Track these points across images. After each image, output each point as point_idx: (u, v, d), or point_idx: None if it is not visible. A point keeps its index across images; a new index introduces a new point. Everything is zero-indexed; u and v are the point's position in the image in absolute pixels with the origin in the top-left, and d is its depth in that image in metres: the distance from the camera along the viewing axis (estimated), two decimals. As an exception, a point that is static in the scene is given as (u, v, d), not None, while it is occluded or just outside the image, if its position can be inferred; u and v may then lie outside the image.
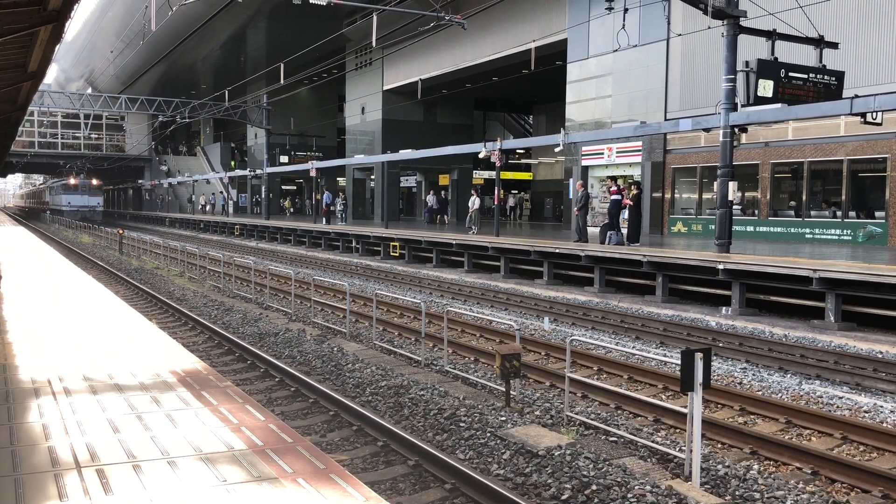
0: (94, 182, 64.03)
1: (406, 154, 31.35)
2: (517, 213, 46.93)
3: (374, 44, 20.96)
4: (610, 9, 18.41)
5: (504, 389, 8.24)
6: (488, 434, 7.07)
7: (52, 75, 71.28)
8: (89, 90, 62.02)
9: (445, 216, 38.30)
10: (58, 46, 10.71)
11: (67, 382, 5.55)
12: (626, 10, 18.21)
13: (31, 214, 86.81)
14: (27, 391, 5.30)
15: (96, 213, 61.76)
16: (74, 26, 59.41)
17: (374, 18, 20.47)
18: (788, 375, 10.07)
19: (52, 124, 70.23)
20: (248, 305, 15.76)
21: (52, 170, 78.49)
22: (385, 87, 41.97)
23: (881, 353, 11.20)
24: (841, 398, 8.86)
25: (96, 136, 71.64)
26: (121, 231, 33.09)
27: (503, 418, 7.52)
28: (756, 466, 6.63)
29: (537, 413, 8.03)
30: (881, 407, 8.47)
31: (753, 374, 10.02)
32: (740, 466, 6.53)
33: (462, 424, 7.41)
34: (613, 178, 23.10)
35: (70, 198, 62.63)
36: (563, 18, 29.49)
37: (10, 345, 6.95)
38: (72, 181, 62.51)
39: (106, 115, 64.11)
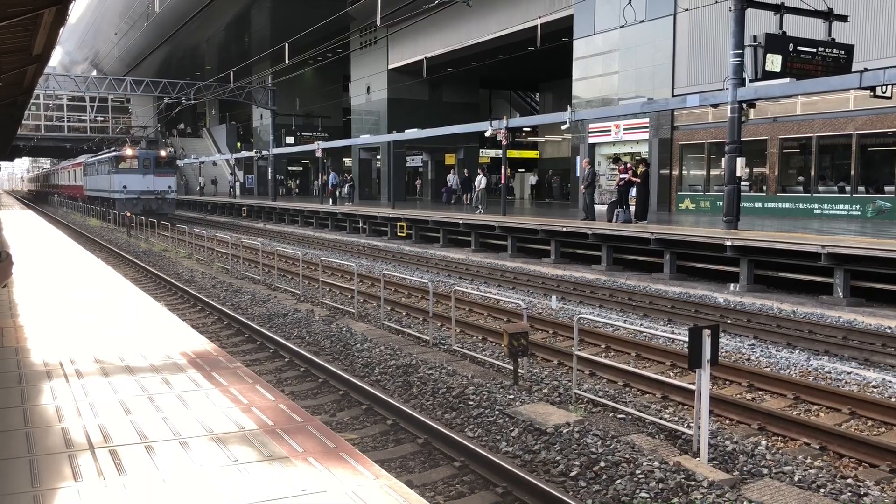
0: (163, 154, 40.44)
1: (412, 133, 31.25)
2: (538, 191, 45.73)
3: (378, 22, 20.82)
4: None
5: (512, 368, 8.28)
6: (497, 412, 7.11)
7: (56, 58, 68.81)
8: (94, 72, 61.99)
9: (470, 195, 37.50)
10: (62, 29, 10.70)
11: (79, 365, 5.60)
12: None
13: (40, 198, 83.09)
14: (40, 374, 5.35)
15: (167, 203, 39.07)
16: (78, 8, 59.11)
17: (379, -3, 20.36)
18: (796, 351, 10.07)
19: (58, 107, 69.97)
20: (257, 287, 15.82)
21: (59, 153, 77.67)
22: (390, 67, 41.76)
23: (889, 328, 11.18)
24: (849, 374, 8.86)
25: (102, 118, 71.59)
26: (129, 213, 33.16)
27: (511, 396, 7.55)
28: (764, 442, 6.65)
29: (545, 391, 8.07)
30: (890, 382, 8.47)
31: (761, 351, 10.03)
32: (748, 442, 6.55)
33: (470, 403, 7.45)
34: (618, 159, 22.99)
35: (125, 178, 38.49)
36: (568, -5, 29.21)
37: (21, 328, 7.01)
38: (128, 152, 38.67)
39: (111, 97, 63.99)
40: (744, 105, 16.76)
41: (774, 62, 15.78)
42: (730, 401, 7.64)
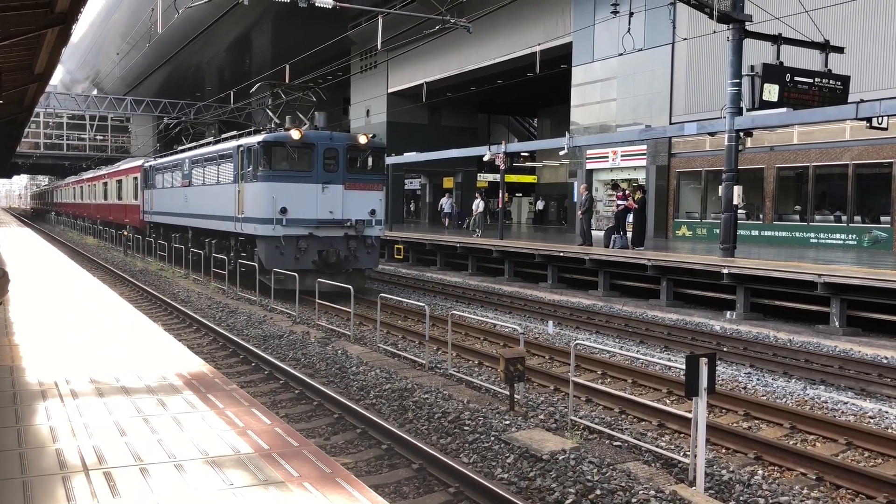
0: (362, 140, 17.44)
1: (410, 157, 31.35)
2: (538, 217, 44.32)
3: (379, 46, 20.98)
4: (615, 12, 18.40)
5: (508, 393, 8.25)
6: (492, 438, 7.08)
7: (57, 77, 68.80)
8: (95, 91, 62.29)
9: (467, 219, 37.09)
10: (64, 49, 10.77)
11: (74, 385, 5.57)
12: (631, 14, 18.20)
13: (38, 217, 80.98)
14: (34, 393, 5.32)
15: (367, 251, 17.62)
16: (80, 28, 59.49)
17: (380, 21, 20.51)
18: (793, 380, 10.06)
19: (58, 125, 70.15)
20: (253, 307, 15.78)
21: (57, 171, 77.56)
22: (390, 90, 41.99)
23: (886, 358, 11.18)
24: (846, 403, 8.85)
25: (101, 137, 71.76)
26: (125, 232, 33.12)
27: (507, 422, 7.52)
28: (760, 472, 6.63)
29: (541, 417, 8.04)
30: (886, 413, 8.46)
31: (758, 379, 10.01)
32: (744, 472, 6.53)
33: (466, 428, 7.42)
34: (616, 186, 23.08)
35: (283, 191, 16.67)
36: (567, 22, 29.50)
37: (17, 346, 6.98)
38: (293, 134, 16.50)
39: (111, 116, 64.20)
40: (741, 134, 16.87)
41: (771, 92, 15.91)
42: (726, 429, 7.62)
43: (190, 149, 23.69)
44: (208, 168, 20.44)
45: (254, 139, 17.00)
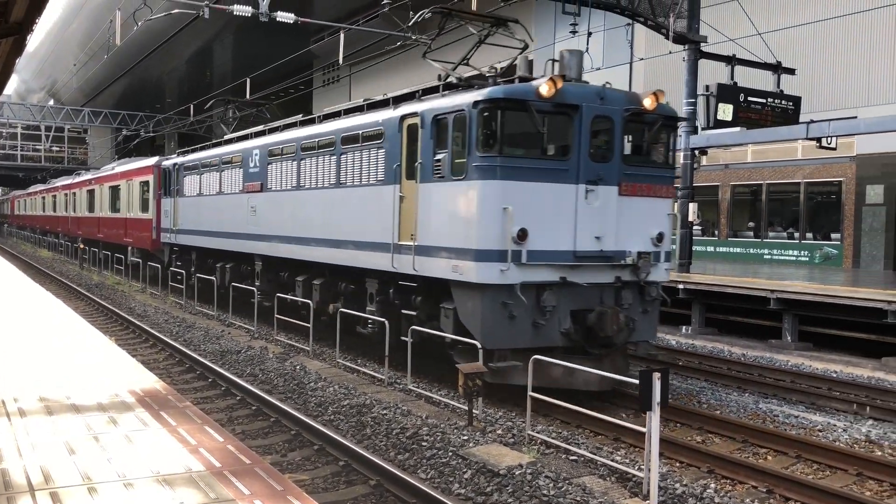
0: (648, 104, 9.47)
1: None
2: None
3: (341, 61, 21.00)
4: (574, 32, 18.67)
5: (467, 408, 8.27)
6: (450, 453, 7.09)
7: (12, 86, 67.16)
8: (51, 102, 61.21)
9: None
10: (18, 58, 10.61)
11: (23, 403, 5.46)
12: (589, 34, 18.48)
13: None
14: (-20, 411, 5.20)
15: (647, 308, 9.88)
16: (36, 37, 58.39)
17: (342, 36, 20.54)
18: (746, 394, 10.25)
19: (12, 136, 68.71)
20: (211, 322, 15.60)
21: (11, 182, 75.78)
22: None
23: (835, 372, 11.46)
24: (797, 417, 9.04)
25: (58, 148, 70.48)
26: (81, 245, 32.40)
27: (465, 437, 7.54)
28: (713, 485, 6.73)
29: (499, 432, 8.07)
30: (834, 426, 8.66)
31: (712, 393, 10.18)
32: (697, 485, 6.62)
33: (424, 444, 7.41)
34: None
35: (527, 194, 8.96)
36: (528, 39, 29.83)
37: (-37, 363, 6.82)
38: (543, 89, 8.74)
39: (68, 127, 63.13)
40: (696, 152, 17.21)
41: (726, 111, 16.29)
42: (680, 443, 7.72)
43: (260, 134, 15.69)
44: (312, 161, 12.99)
45: (455, 99, 9.37)
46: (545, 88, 8.77)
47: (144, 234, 22.78)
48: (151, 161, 23.48)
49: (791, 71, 18.13)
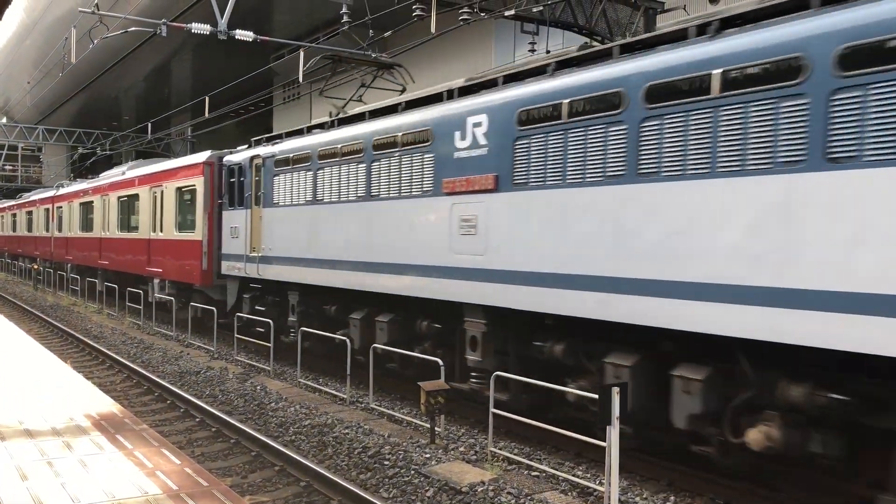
0: None
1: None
2: None
3: (300, 79, 20.98)
4: (532, 51, 18.93)
5: (429, 426, 8.26)
6: (412, 472, 7.07)
7: None
8: (4, 120, 59.99)
9: None
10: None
11: (-27, 428, 5.33)
12: (548, 52, 18.75)
13: None
14: (-72, 438, 5.07)
15: None
16: (-11, 54, 57.33)
17: (301, 55, 20.53)
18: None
19: (-36, 154, 67.09)
20: (169, 343, 15.37)
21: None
22: (313, 122, 41.91)
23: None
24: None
25: (11, 167, 69.02)
26: (35, 266, 31.70)
27: (428, 455, 7.53)
28: (673, 498, 6.81)
29: (462, 449, 8.08)
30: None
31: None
32: (658, 498, 6.69)
33: (386, 462, 7.39)
34: None
35: None
36: (489, 58, 30.15)
37: (-90, 389, 6.63)
38: None
39: (21, 146, 61.90)
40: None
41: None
42: (640, 458, 7.79)
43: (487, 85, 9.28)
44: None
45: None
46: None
47: (188, 263, 16.38)
48: (200, 157, 16.94)
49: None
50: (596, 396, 6.26)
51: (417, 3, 14.43)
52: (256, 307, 13.86)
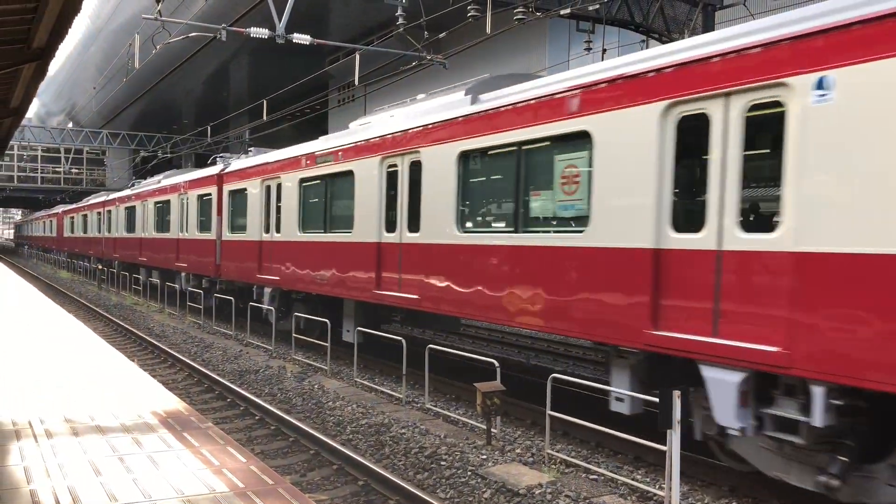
0: None
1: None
2: None
3: (356, 81, 21.19)
4: (588, 49, 18.77)
5: (485, 427, 8.27)
6: (469, 473, 7.08)
7: (32, 109, 67.57)
8: (70, 124, 62.02)
9: None
10: (40, 83, 10.79)
11: (48, 424, 5.53)
12: (604, 51, 18.56)
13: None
14: (8, 433, 5.27)
15: None
16: (57, 61, 59.01)
17: (357, 57, 20.74)
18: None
19: (32, 158, 69.58)
20: (228, 342, 15.68)
21: (31, 204, 76.64)
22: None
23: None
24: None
25: (77, 170, 71.30)
26: (99, 266, 32.74)
27: (484, 456, 7.53)
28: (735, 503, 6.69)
29: (518, 451, 8.06)
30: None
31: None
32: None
33: (443, 463, 7.42)
34: None
35: None
36: (543, 58, 30.00)
37: (-12, 385, 6.91)
38: None
39: (87, 149, 63.86)
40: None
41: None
42: (702, 462, 7.67)
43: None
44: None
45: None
46: None
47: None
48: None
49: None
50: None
51: (472, 3, 14.43)
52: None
